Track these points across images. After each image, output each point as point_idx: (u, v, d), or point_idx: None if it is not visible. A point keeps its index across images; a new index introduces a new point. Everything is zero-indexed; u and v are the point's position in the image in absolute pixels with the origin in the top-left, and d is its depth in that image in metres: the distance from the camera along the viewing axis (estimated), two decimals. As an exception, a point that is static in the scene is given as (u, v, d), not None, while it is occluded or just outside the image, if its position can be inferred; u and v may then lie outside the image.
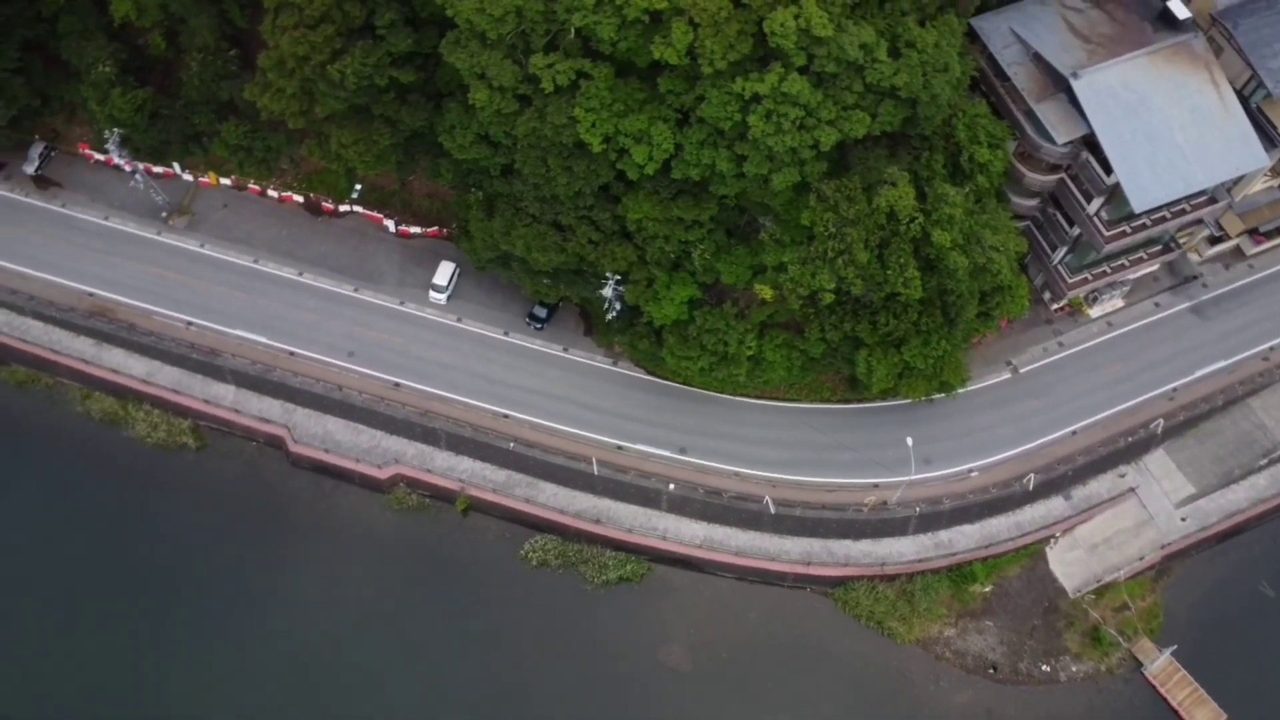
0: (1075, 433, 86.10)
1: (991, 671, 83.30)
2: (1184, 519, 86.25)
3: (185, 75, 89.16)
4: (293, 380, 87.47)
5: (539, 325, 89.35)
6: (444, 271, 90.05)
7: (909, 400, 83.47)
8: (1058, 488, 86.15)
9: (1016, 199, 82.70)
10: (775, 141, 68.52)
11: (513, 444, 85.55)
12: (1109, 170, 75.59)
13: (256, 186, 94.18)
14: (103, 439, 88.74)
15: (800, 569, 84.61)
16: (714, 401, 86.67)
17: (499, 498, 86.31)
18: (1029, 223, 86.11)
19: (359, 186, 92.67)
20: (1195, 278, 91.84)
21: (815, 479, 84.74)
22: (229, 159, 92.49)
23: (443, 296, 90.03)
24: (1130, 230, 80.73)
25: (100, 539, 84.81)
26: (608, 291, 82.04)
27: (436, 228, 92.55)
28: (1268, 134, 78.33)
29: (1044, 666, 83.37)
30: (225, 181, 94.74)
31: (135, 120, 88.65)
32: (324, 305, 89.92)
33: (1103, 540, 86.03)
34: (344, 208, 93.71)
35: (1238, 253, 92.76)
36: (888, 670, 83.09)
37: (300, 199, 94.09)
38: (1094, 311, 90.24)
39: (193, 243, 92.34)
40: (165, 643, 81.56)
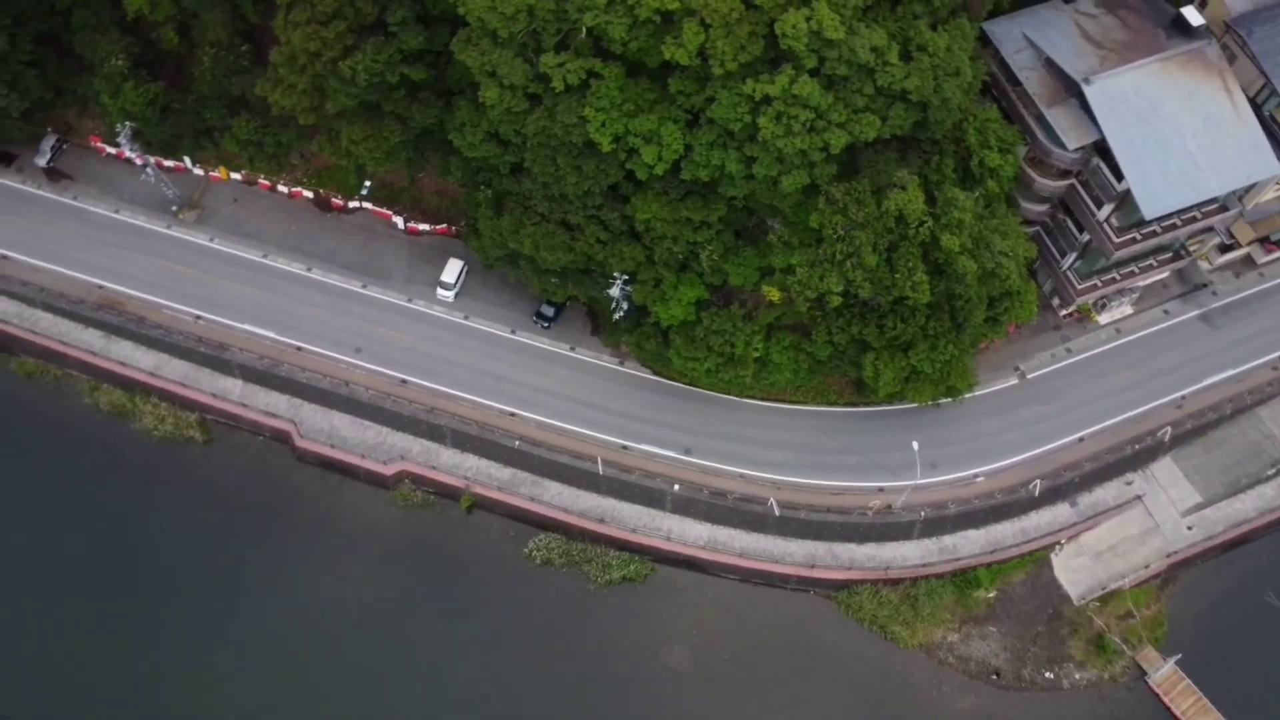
0: (1082, 439, 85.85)
1: (994, 678, 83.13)
2: (1190, 528, 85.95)
3: (197, 70, 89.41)
4: (300, 375, 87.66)
5: (546, 324, 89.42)
6: (452, 269, 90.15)
7: (915, 404, 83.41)
8: (1064, 494, 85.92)
9: (1026, 204, 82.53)
10: (785, 143, 68.46)
11: (518, 442, 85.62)
12: (1120, 177, 75.37)
13: (266, 181, 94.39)
14: (110, 431, 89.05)
15: (804, 572, 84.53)
16: (720, 403, 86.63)
17: (504, 495, 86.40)
18: (1038, 228, 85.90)
19: (368, 183, 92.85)
20: (1205, 285, 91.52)
21: (820, 482, 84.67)
22: (240, 154, 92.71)
23: (450, 294, 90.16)
24: (1140, 237, 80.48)
25: (105, 531, 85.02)
26: (615, 291, 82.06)
27: (445, 225, 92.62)
28: (1280, 142, 78.23)
29: (1047, 673, 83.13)
30: (235, 176, 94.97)
31: (147, 114, 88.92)
32: (332, 301, 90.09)
33: (1108, 548, 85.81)
34: (353, 204, 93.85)
35: (1248, 261, 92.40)
36: (890, 675, 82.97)
37: (310, 195, 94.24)
38: (1103, 318, 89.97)
39: (202, 237, 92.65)
40: (167, 634, 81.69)
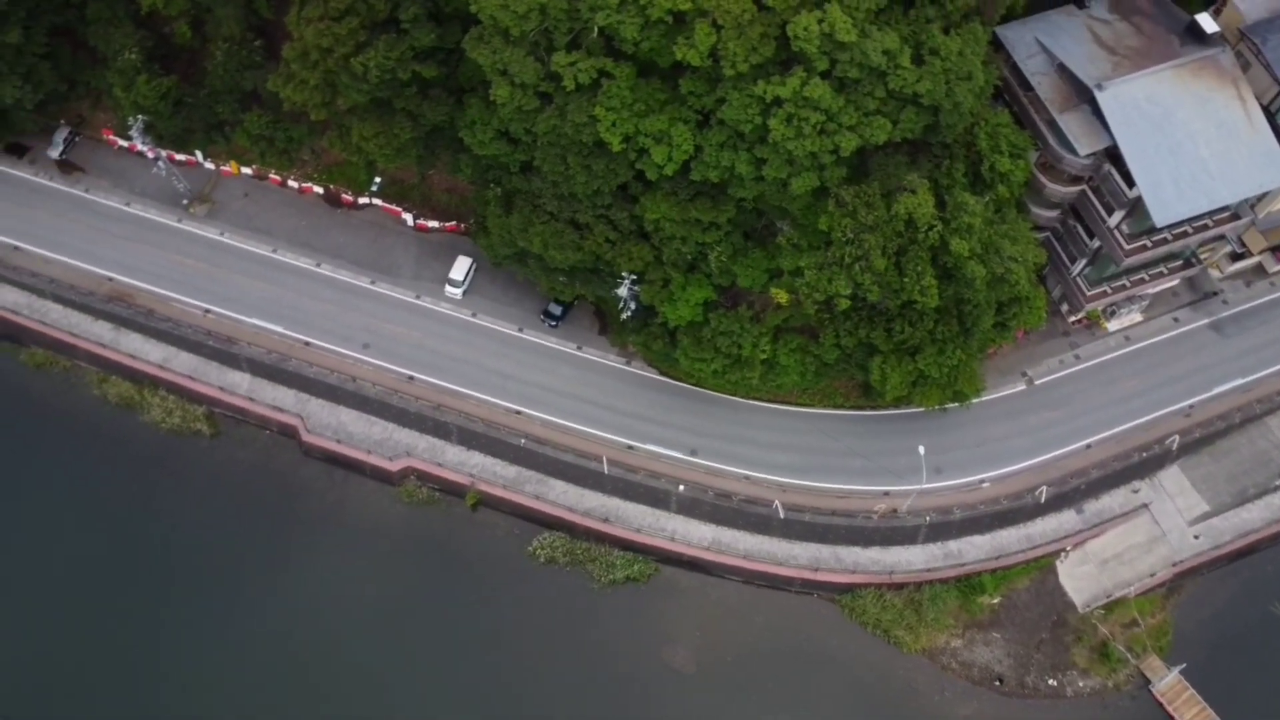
0: (1089, 446, 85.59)
1: (997, 684, 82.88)
2: (1197, 536, 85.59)
3: (210, 64, 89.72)
4: (307, 370, 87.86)
5: (554, 323, 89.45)
6: (460, 266, 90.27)
7: (922, 409, 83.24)
8: (1070, 501, 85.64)
9: (1036, 209, 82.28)
10: (795, 145, 68.38)
11: (524, 440, 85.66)
12: (1131, 183, 75.10)
13: (277, 177, 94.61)
14: (118, 423, 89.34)
15: (808, 574, 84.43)
16: (726, 404, 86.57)
17: (509, 493, 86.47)
18: (1048, 234, 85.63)
19: (379, 179, 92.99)
20: (1215, 294, 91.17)
21: (826, 485, 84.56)
22: (251, 149, 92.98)
23: (459, 291, 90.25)
24: (1151, 244, 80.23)
25: (111, 523, 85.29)
26: (623, 291, 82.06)
27: (454, 223, 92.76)
28: (1293, 151, 77.75)
29: (1051, 680, 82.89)
30: (246, 171, 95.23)
31: (159, 108, 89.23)
32: (341, 297, 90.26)
33: (1114, 555, 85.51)
34: (363, 200, 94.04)
35: (1259, 270, 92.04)
36: (893, 679, 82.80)
37: (320, 190, 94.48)
38: (1112, 325, 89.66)
39: (212, 231, 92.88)
40: (169, 630, 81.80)
